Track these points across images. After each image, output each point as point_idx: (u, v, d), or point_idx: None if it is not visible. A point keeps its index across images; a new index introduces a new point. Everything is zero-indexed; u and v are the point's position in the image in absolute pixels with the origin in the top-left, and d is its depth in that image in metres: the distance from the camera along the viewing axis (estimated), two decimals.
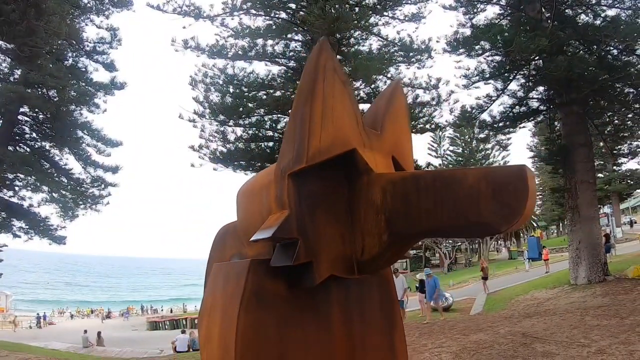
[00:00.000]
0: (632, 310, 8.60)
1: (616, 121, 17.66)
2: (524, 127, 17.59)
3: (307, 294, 1.33)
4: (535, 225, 58.47)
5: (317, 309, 1.36)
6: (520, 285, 18.53)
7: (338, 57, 16.79)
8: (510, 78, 15.91)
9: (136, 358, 10.44)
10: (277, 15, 16.44)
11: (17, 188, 16.92)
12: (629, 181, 42.25)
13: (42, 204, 17.20)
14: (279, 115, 16.70)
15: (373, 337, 1.50)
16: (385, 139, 1.39)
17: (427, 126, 17.55)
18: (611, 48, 13.70)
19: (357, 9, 15.93)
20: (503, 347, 7.01)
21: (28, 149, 16.98)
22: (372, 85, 17.05)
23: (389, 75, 17.03)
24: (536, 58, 14.54)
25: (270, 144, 16.94)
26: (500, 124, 16.69)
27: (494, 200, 1.06)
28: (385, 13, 16.75)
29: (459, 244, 53.97)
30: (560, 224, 56.03)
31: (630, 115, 16.68)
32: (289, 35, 16.67)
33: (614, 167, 41.95)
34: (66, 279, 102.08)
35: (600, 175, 46.35)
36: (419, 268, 49.89)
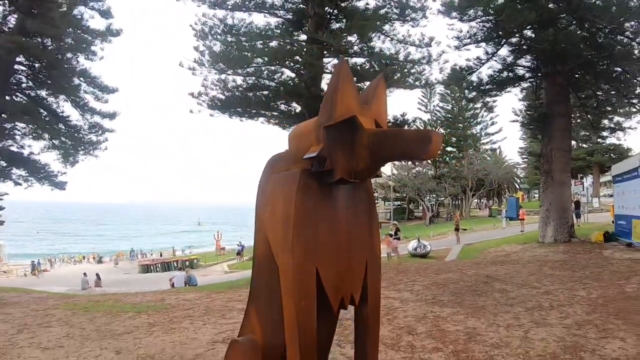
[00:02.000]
0: (584, 266, 9.68)
1: (600, 95, 18.06)
2: (509, 91, 18.24)
3: (329, 190, 2.41)
4: (517, 187, 60.33)
5: (333, 198, 2.44)
6: (495, 240, 19.85)
7: (335, 11, 17.11)
8: (501, 44, 16.37)
9: (142, 292, 11.38)
10: None
11: (17, 137, 17.22)
12: (611, 155, 43.15)
13: (44, 151, 17.60)
14: (276, 67, 17.12)
15: (361, 222, 2.53)
16: (371, 110, 2.39)
17: (417, 83, 17.99)
18: (601, 26, 14.02)
19: None
20: (467, 283, 8.21)
21: (25, 98, 17.14)
22: (368, 43, 17.30)
23: (383, 32, 17.30)
24: (527, 27, 15.01)
25: (266, 92, 17.36)
26: (488, 87, 17.31)
27: (418, 144, 2.04)
28: None
29: (442, 198, 55.74)
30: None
31: (613, 92, 17.11)
32: None
33: (598, 140, 42.92)
34: (55, 228, 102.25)
35: (584, 145, 47.50)
36: (402, 219, 51.91)
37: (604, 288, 7.20)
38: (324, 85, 17.30)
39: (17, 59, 16.25)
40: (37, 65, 16.88)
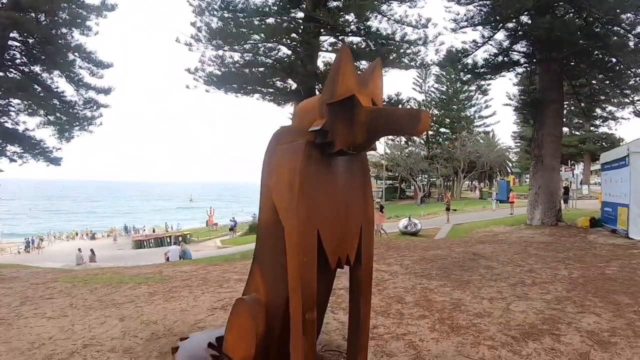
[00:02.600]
0: (568, 249, 9.98)
1: (594, 84, 18.20)
2: (504, 76, 18.38)
3: (329, 161, 2.68)
4: (509, 171, 60.95)
5: (333, 168, 2.72)
6: (484, 221, 20.19)
7: None
8: (498, 28, 16.40)
9: (139, 266, 11.52)
10: None
11: (11, 113, 17.15)
12: (603, 143, 43.45)
13: (40, 127, 17.60)
14: (273, 44, 17.10)
15: (356, 190, 2.81)
16: (368, 90, 2.62)
17: (412, 64, 18.08)
18: (598, 16, 14.05)
19: None
20: (454, 260, 8.56)
21: (19, 74, 16.98)
22: (365, 22, 17.27)
23: (381, 11, 17.27)
24: (524, 13, 15.06)
25: (262, 69, 17.41)
26: (482, 70, 17.44)
27: (409, 122, 2.25)
28: None
29: (434, 179, 56.31)
30: None
31: (607, 82, 17.20)
32: None
33: (591, 128, 43.22)
34: (47, 206, 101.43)
35: (576, 133, 47.88)
36: (393, 198, 52.48)
37: (585, 269, 7.48)
38: (320, 63, 17.38)
39: (11, 35, 16.10)
40: (31, 40, 16.71)
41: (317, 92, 16.32)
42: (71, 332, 4.54)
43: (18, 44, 16.80)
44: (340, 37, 17.27)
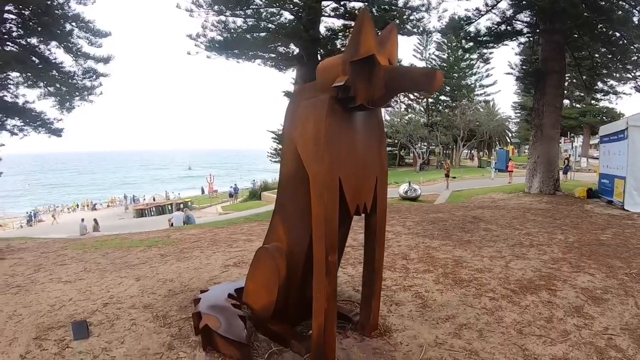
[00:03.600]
0: (565, 216, 10.26)
1: (596, 57, 18.01)
2: (506, 44, 18.24)
3: (349, 115, 2.92)
4: (509, 140, 60.91)
5: (352, 122, 2.95)
6: (483, 188, 20.41)
7: None
8: None
9: (145, 232, 11.67)
10: None
11: (10, 87, 17.01)
12: (603, 117, 42.96)
13: (40, 98, 17.50)
14: (276, 8, 16.86)
15: (373, 144, 3.05)
16: (385, 51, 2.81)
17: (415, 30, 17.88)
18: None
19: None
20: (455, 222, 8.85)
21: (16, 47, 16.73)
22: None
23: None
24: None
25: (264, 34, 17.24)
26: (485, 38, 17.32)
27: (425, 79, 2.45)
28: None
29: (434, 147, 56.33)
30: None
31: (610, 56, 17.05)
32: None
33: (592, 101, 42.87)
34: (46, 180, 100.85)
35: (577, 105, 47.57)
36: (392, 165, 52.56)
37: (580, 235, 7.73)
38: (322, 28, 17.19)
39: (7, 8, 15.83)
40: (26, 12, 16.41)
41: (319, 57, 16.22)
42: (89, 293, 4.67)
43: (14, 17, 16.52)
44: (342, 2, 17.02)
